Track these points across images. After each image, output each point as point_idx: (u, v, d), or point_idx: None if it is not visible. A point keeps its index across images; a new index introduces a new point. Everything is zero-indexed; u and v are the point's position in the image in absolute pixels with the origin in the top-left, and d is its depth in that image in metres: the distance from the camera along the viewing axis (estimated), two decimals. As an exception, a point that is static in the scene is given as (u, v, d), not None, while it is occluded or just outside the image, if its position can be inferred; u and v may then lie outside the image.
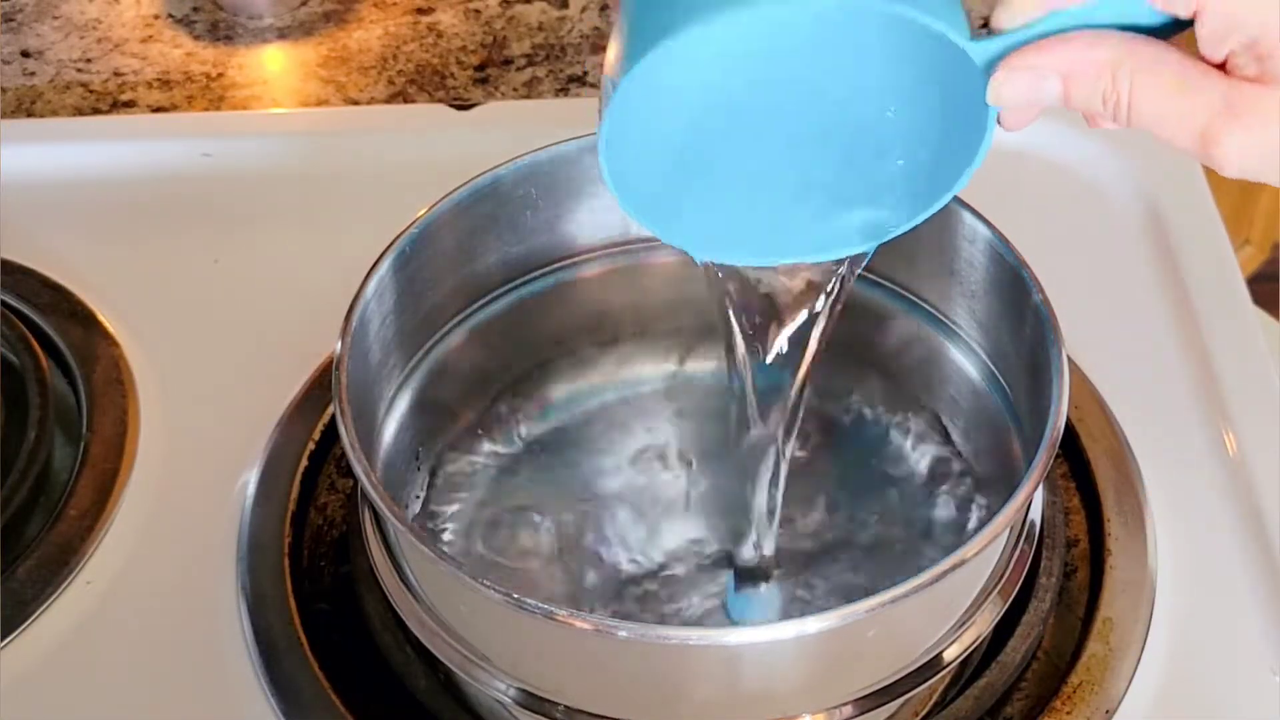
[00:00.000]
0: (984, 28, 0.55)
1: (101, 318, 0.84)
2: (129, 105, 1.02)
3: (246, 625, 0.71)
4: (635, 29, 0.54)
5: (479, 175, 0.70)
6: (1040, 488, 0.64)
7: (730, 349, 0.66)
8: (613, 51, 0.55)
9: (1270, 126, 0.51)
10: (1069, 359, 0.63)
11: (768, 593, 0.71)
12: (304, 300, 0.82)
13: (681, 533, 0.73)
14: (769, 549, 0.70)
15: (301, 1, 1.08)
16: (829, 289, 0.64)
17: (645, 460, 0.77)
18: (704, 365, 0.79)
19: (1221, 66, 0.51)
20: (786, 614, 0.70)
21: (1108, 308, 0.84)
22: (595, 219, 0.75)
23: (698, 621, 0.70)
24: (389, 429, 0.70)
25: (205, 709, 0.69)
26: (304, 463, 0.77)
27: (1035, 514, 0.67)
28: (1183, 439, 0.78)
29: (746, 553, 0.70)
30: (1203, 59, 0.52)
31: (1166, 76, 0.52)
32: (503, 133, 0.75)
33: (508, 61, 1.04)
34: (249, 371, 0.82)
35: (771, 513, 0.69)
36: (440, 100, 1.01)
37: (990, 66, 0.54)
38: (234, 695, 0.69)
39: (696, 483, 0.76)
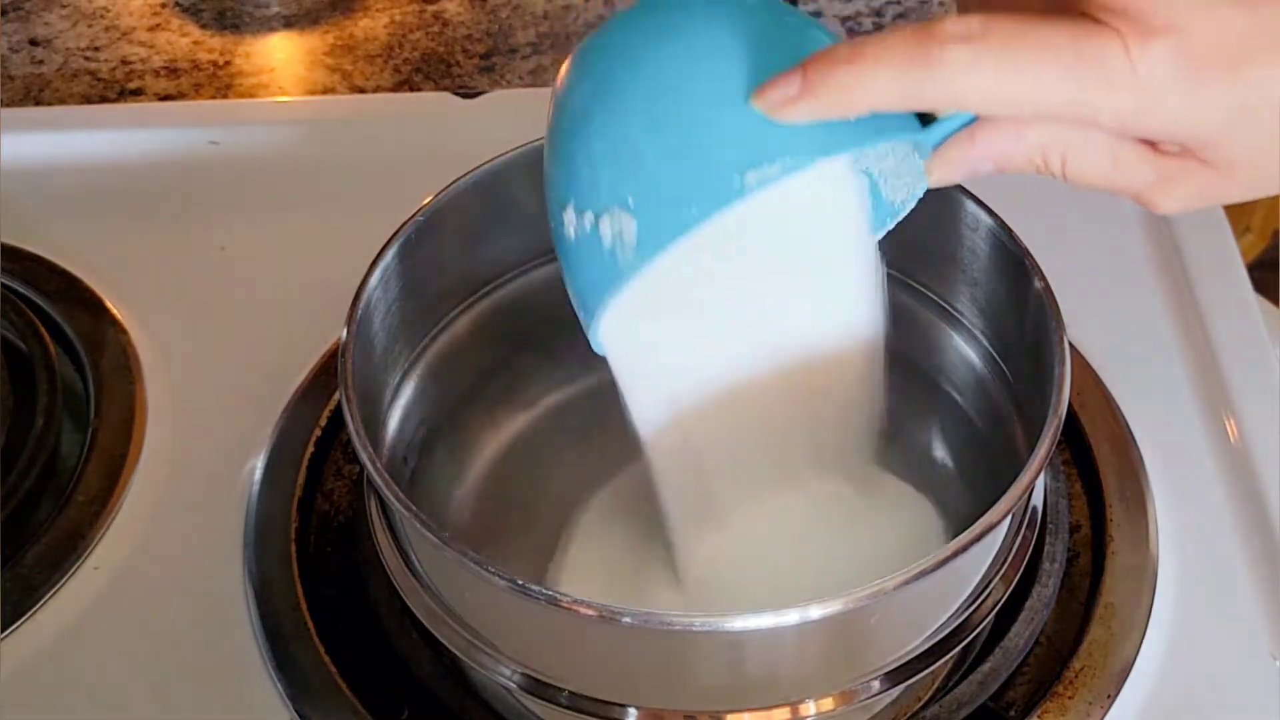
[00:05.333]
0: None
1: (109, 305, 0.85)
2: (136, 93, 1.02)
3: (253, 611, 0.72)
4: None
5: (484, 163, 0.71)
6: (1043, 474, 0.64)
7: None
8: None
9: (1202, 182, 0.52)
10: (1071, 345, 0.63)
11: None
12: (310, 287, 0.82)
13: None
14: None
15: (308, -10, 1.08)
16: None
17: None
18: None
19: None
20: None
21: (1110, 294, 0.84)
22: (600, 206, 0.75)
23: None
24: (394, 415, 0.71)
25: (212, 694, 0.70)
26: (310, 449, 0.77)
27: (1037, 500, 0.67)
28: (1184, 425, 0.78)
29: None
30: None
31: (1095, 155, 0.52)
32: (508, 121, 0.75)
33: (513, 50, 1.04)
34: (256, 358, 0.82)
35: None
36: (446, 88, 1.01)
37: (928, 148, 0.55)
38: (241, 680, 0.70)
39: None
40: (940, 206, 0.70)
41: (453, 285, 0.73)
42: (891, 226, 0.64)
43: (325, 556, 0.74)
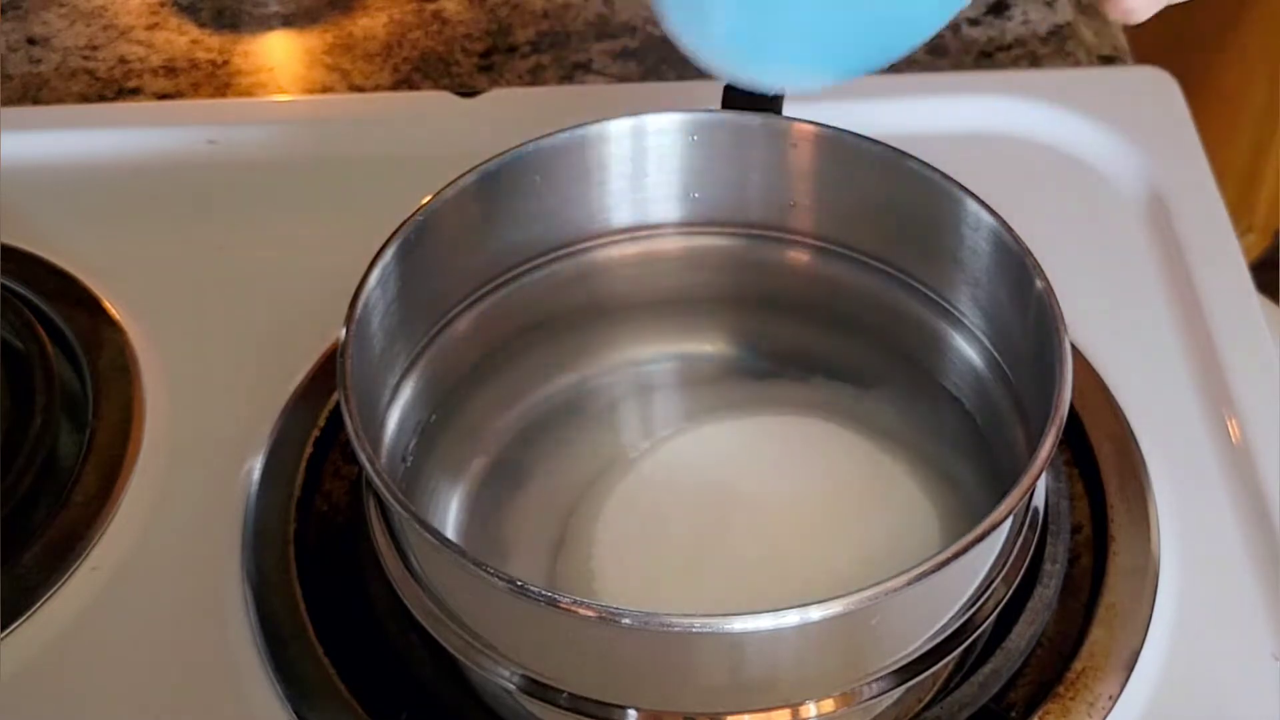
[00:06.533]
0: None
1: (107, 304, 0.84)
2: (134, 92, 1.02)
3: (252, 611, 0.71)
4: None
5: (484, 162, 0.70)
6: (1044, 475, 0.64)
7: None
8: None
9: None
10: (1072, 346, 0.63)
11: None
12: (309, 287, 0.82)
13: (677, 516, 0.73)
14: None
15: (306, -12, 1.08)
16: None
17: (646, 444, 0.77)
18: (709, 349, 0.80)
19: None
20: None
21: (1111, 294, 0.84)
22: (600, 206, 0.75)
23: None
24: (393, 415, 0.71)
25: (211, 695, 0.70)
26: (309, 449, 0.77)
27: (1039, 501, 0.67)
28: (1186, 426, 0.78)
29: None
30: None
31: None
32: (507, 120, 0.75)
33: (512, 49, 1.04)
34: (254, 358, 0.82)
35: None
36: (445, 87, 1.01)
37: None
38: (240, 681, 0.70)
39: (698, 472, 0.76)
40: (941, 206, 0.70)
41: (452, 285, 0.73)
42: None
43: (324, 557, 0.74)
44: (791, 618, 0.56)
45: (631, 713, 0.61)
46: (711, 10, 0.65)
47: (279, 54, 1.05)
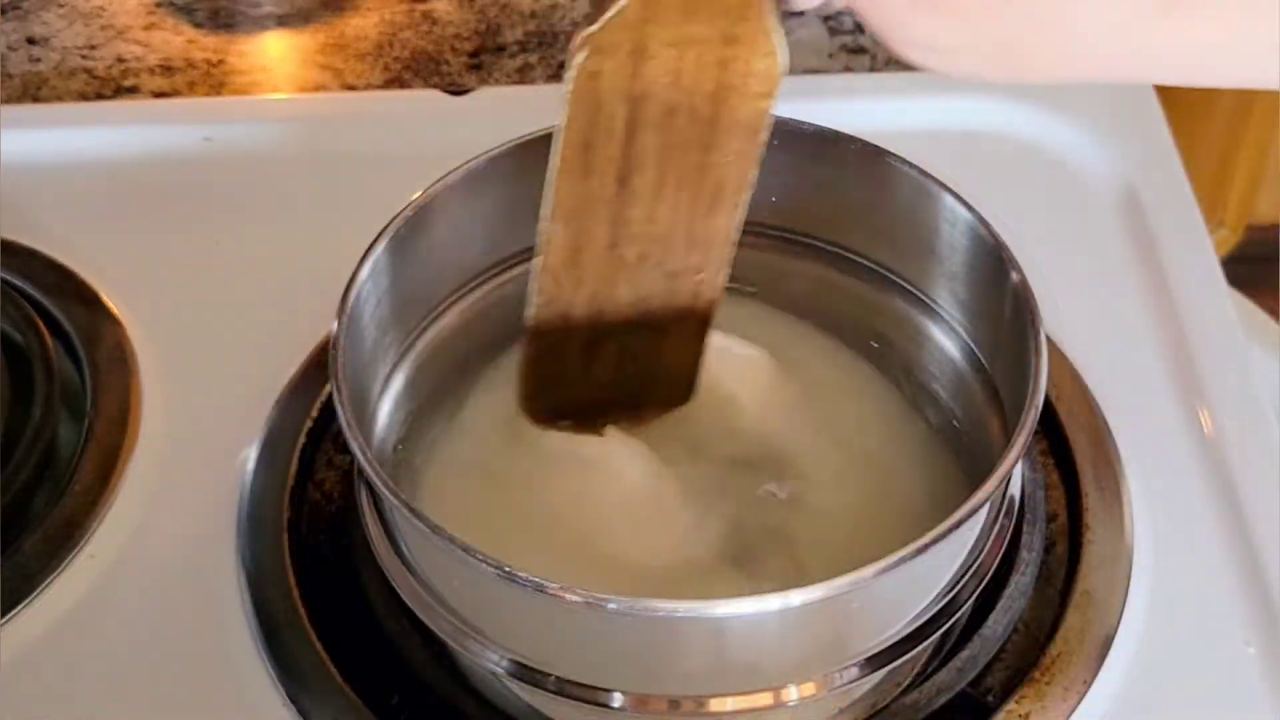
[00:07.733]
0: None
1: (105, 298, 0.85)
2: (132, 91, 1.02)
3: (247, 599, 0.72)
4: None
5: (473, 159, 0.71)
6: (1020, 464, 0.65)
7: None
8: None
9: None
10: (1048, 338, 0.64)
11: None
12: (302, 281, 0.82)
13: (668, 511, 0.74)
14: None
15: (300, -11, 1.09)
16: None
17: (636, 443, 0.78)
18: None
19: None
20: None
21: (1087, 289, 0.85)
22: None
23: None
24: (385, 406, 0.72)
25: (207, 682, 0.71)
26: (302, 440, 0.78)
27: (1015, 490, 0.68)
28: (1159, 417, 0.79)
29: None
30: None
31: None
32: (496, 118, 0.75)
33: (501, 48, 1.05)
34: (249, 351, 0.83)
35: None
36: (435, 86, 1.02)
37: None
38: (235, 668, 0.71)
39: (687, 466, 0.77)
40: (919, 201, 0.71)
41: (443, 279, 0.74)
42: None
43: (317, 545, 0.75)
44: (773, 603, 0.57)
45: (618, 695, 0.62)
46: None
47: (273, 53, 1.06)
